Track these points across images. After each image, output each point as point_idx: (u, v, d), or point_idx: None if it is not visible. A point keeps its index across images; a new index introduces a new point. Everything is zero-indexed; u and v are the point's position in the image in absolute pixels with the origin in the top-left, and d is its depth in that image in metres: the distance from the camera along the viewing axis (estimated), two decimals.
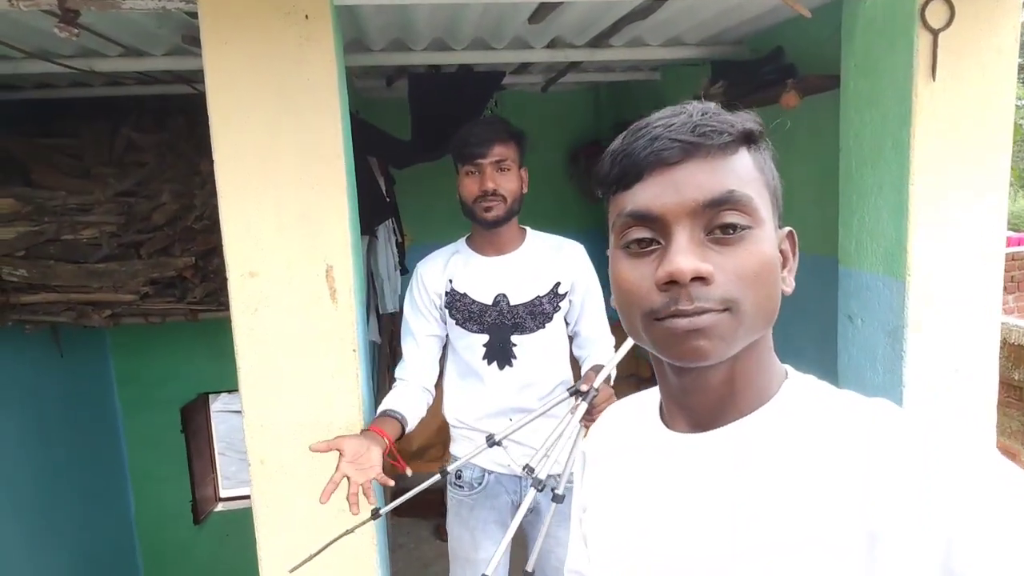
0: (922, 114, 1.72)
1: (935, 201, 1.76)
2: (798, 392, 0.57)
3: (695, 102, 0.56)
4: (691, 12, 2.29)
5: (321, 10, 1.58)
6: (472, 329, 1.72)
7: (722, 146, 0.53)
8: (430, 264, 1.78)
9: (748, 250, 0.53)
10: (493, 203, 1.64)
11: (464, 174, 1.67)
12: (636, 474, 0.63)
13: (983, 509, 0.44)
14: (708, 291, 0.52)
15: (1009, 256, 6.36)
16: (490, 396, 1.73)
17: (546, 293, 1.72)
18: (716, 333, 0.52)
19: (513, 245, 1.74)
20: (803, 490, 0.51)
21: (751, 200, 0.53)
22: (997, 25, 1.73)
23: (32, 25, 1.99)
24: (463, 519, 1.79)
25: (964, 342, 1.82)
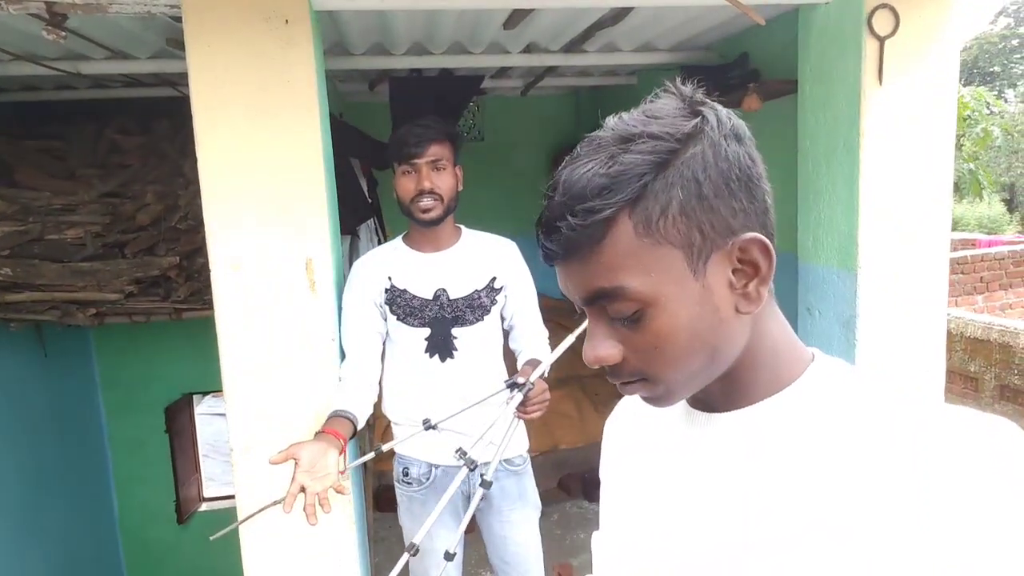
0: (870, 116, 1.83)
1: (883, 198, 1.87)
2: (820, 378, 0.56)
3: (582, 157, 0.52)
4: (658, 19, 2.39)
5: (301, 15, 1.66)
6: (413, 324, 1.74)
7: (586, 243, 0.51)
8: (368, 262, 1.79)
9: (646, 329, 0.52)
10: (431, 204, 1.68)
11: (401, 173, 1.71)
12: (656, 451, 0.64)
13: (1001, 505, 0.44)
14: (619, 368, 0.55)
15: (979, 257, 6.55)
16: (433, 389, 1.76)
17: (483, 287, 1.76)
18: (649, 396, 0.56)
19: (450, 241, 1.78)
20: (821, 472, 0.51)
21: (622, 290, 0.51)
22: (940, 32, 1.84)
23: (19, 28, 2.05)
24: (415, 515, 1.81)
25: (913, 331, 1.93)
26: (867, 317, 1.90)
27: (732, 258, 0.53)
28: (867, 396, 0.53)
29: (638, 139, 0.51)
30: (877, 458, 0.49)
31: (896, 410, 0.51)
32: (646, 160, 0.50)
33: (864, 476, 0.49)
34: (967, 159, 10.42)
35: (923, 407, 0.50)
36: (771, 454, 0.54)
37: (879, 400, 0.52)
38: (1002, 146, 13.20)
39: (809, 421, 0.54)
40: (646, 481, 0.64)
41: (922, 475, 0.46)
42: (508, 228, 4.83)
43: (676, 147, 0.50)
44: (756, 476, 0.54)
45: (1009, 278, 6.56)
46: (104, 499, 4.28)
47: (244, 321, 1.72)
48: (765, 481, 0.53)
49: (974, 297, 6.41)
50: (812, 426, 0.53)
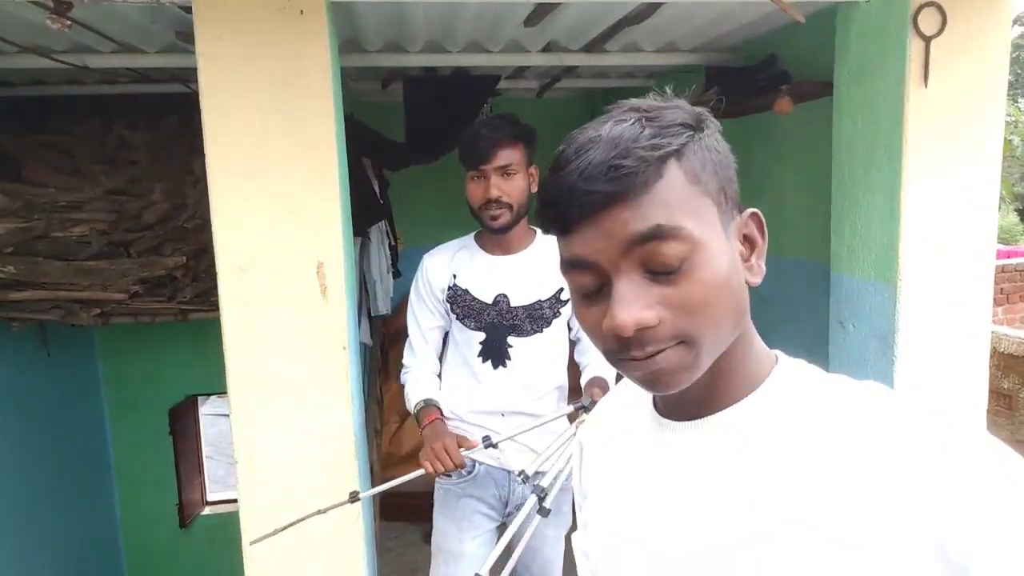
0: (914, 120, 1.73)
1: (927, 207, 1.77)
2: (788, 377, 0.57)
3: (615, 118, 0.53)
4: (686, 17, 2.30)
5: (316, 5, 1.58)
6: (470, 326, 1.72)
7: (642, 183, 0.50)
8: (436, 257, 1.79)
9: (691, 280, 0.51)
10: (499, 212, 1.64)
11: (470, 179, 1.67)
12: (632, 462, 0.64)
13: (980, 492, 0.44)
14: (656, 332, 0.51)
15: (999, 268, 6.42)
16: (483, 393, 1.74)
17: (548, 297, 1.71)
18: (675, 367, 0.52)
19: (520, 246, 1.73)
20: (796, 475, 0.51)
21: (682, 229, 0.51)
22: (989, 33, 1.74)
23: (25, 18, 1.98)
24: (450, 509, 1.79)
25: (955, 348, 1.83)
26: (907, 332, 1.80)
27: (740, 230, 0.56)
28: (834, 393, 0.54)
29: (665, 108, 0.54)
30: (853, 452, 0.50)
31: (867, 406, 0.52)
32: (685, 119, 0.53)
33: (843, 469, 0.50)
34: None
35: (891, 403, 0.52)
36: (754, 455, 0.54)
37: (849, 396, 0.53)
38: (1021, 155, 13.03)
39: (786, 419, 0.54)
40: (627, 490, 0.63)
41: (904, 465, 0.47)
42: None
43: (698, 123, 0.55)
44: (743, 477, 0.54)
45: None
46: (106, 501, 4.22)
47: (251, 325, 1.63)
48: (753, 481, 0.53)
49: (994, 309, 6.28)
50: (789, 424, 0.54)
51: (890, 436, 0.49)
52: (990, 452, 0.47)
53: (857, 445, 0.50)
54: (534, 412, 1.72)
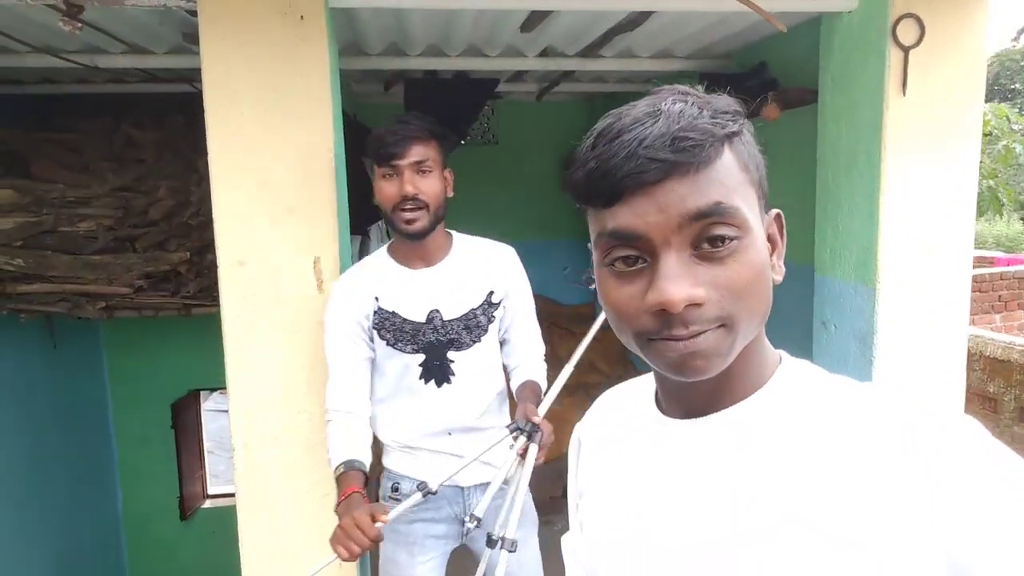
0: (893, 127, 1.79)
1: (905, 210, 1.83)
2: (792, 377, 0.57)
3: (670, 96, 0.52)
4: (677, 25, 2.36)
5: (316, 11, 1.65)
6: (405, 349, 1.58)
7: (707, 157, 0.50)
8: (351, 281, 1.60)
9: (739, 262, 0.51)
10: (415, 214, 1.49)
11: (380, 177, 1.51)
12: (632, 461, 0.63)
13: (980, 492, 0.44)
14: (701, 312, 0.50)
15: (997, 276, 6.44)
16: (427, 415, 1.61)
17: (480, 304, 1.61)
18: (713, 352, 0.51)
19: (441, 254, 1.60)
20: (799, 473, 0.51)
21: (739, 210, 0.50)
22: (965, 44, 1.80)
23: (37, 20, 2.06)
24: (400, 535, 1.64)
25: (932, 348, 1.88)
26: (885, 333, 1.85)
27: (766, 229, 0.56)
28: (837, 393, 0.55)
29: (715, 97, 0.54)
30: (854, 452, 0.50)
31: (870, 407, 0.52)
32: (736, 108, 0.54)
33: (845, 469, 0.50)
34: (986, 176, 10.30)
35: (895, 404, 0.52)
36: (756, 453, 0.54)
37: (852, 397, 0.54)
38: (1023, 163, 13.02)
39: (789, 419, 0.54)
40: (627, 488, 0.63)
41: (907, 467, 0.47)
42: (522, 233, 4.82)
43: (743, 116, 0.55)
44: (745, 475, 0.54)
45: None
46: (109, 492, 4.29)
47: (249, 317, 1.70)
48: (754, 480, 0.53)
49: (992, 316, 6.30)
50: (792, 424, 0.54)
51: (891, 437, 0.49)
52: (990, 451, 0.46)
53: (859, 445, 0.50)
54: (479, 425, 1.62)
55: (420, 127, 1.51)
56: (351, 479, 1.43)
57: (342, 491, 1.41)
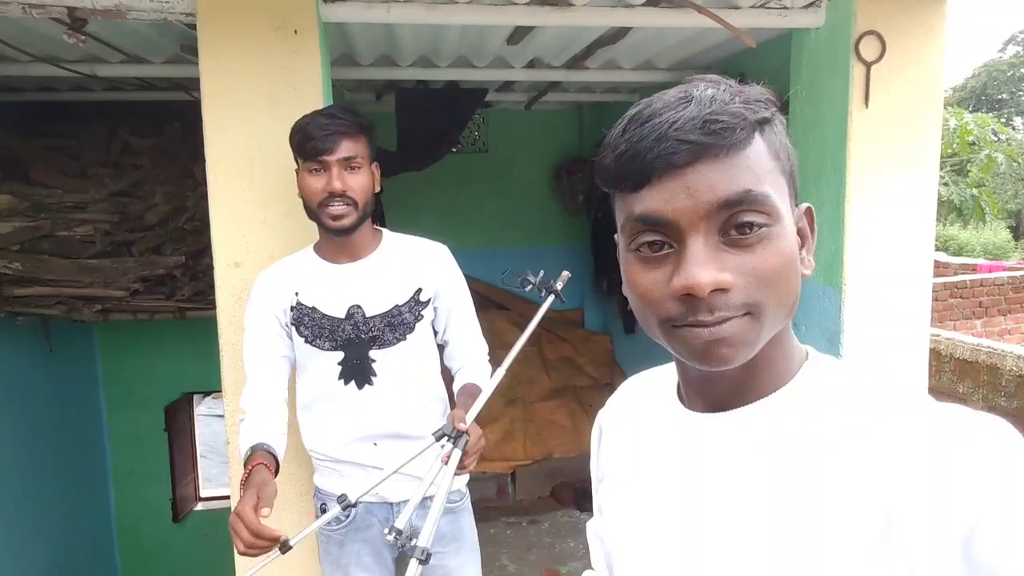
0: (856, 138, 1.89)
1: (869, 217, 1.93)
2: (817, 373, 0.56)
3: (702, 83, 0.52)
4: (656, 39, 2.46)
5: (309, 25, 1.74)
6: (323, 347, 1.51)
7: (737, 142, 0.49)
8: (272, 275, 1.55)
9: (768, 250, 0.50)
10: (342, 209, 1.43)
11: (306, 172, 1.45)
12: (651, 451, 0.63)
13: (1007, 495, 0.44)
14: (728, 299, 0.50)
15: (978, 282, 6.58)
16: (349, 420, 1.52)
17: (406, 301, 1.53)
18: (738, 340, 0.51)
19: (367, 250, 1.54)
20: (819, 469, 0.51)
21: (768, 198, 0.50)
22: (925, 59, 1.90)
23: (40, 31, 2.14)
24: (333, 557, 1.58)
25: (895, 348, 1.98)
26: (851, 333, 1.95)
27: (796, 222, 0.55)
28: (867, 391, 0.53)
29: (748, 87, 0.53)
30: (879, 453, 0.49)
31: (897, 404, 0.51)
32: (768, 97, 0.54)
33: (865, 465, 0.49)
34: (971, 185, 10.48)
35: (921, 402, 0.51)
36: (779, 450, 0.53)
37: (879, 395, 0.53)
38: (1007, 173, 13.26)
39: (813, 416, 0.54)
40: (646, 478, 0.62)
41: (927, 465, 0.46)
42: (512, 239, 4.88)
43: (777, 106, 0.54)
44: (767, 472, 0.53)
45: (1008, 304, 6.58)
46: (101, 494, 4.33)
47: (243, 315, 1.77)
48: (776, 476, 0.53)
49: (973, 322, 6.43)
50: (816, 421, 0.53)
51: (918, 437, 0.48)
52: (1017, 455, 0.46)
53: (885, 446, 0.49)
54: (408, 433, 1.51)
55: (349, 121, 1.44)
56: (256, 457, 1.34)
57: (246, 468, 1.33)
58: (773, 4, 1.97)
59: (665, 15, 1.97)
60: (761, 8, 1.99)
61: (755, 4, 1.98)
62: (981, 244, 15.49)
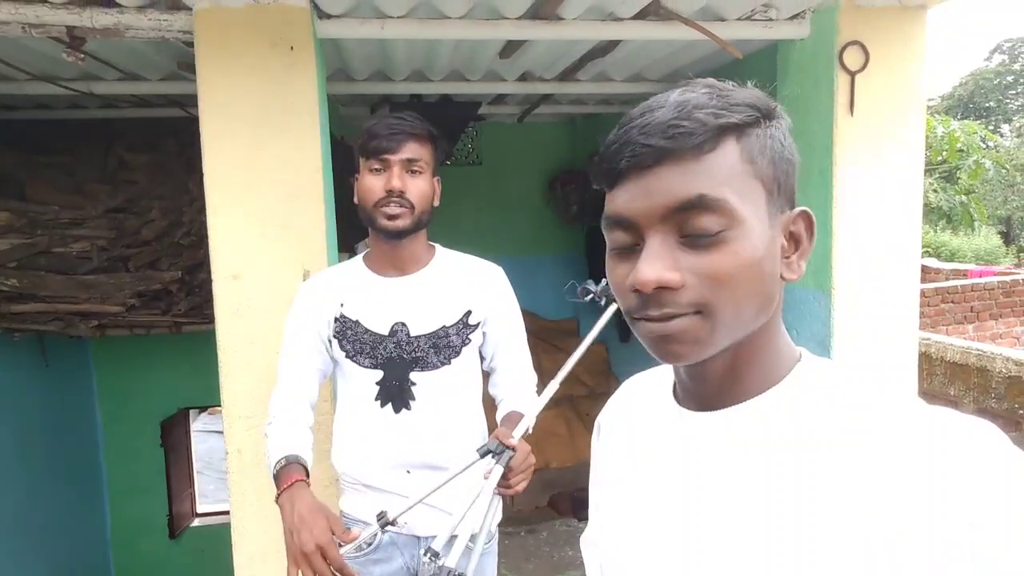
0: (842, 145, 1.93)
1: (856, 222, 1.96)
2: (809, 374, 0.57)
3: (697, 86, 0.54)
4: (645, 51, 2.51)
5: (305, 41, 1.77)
6: (363, 363, 1.43)
7: (697, 146, 0.51)
8: (318, 283, 1.48)
9: (723, 252, 0.51)
10: (399, 210, 1.37)
11: (367, 171, 1.39)
12: (648, 448, 0.64)
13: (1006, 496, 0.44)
14: (675, 296, 0.51)
15: (969, 287, 6.64)
16: (383, 446, 1.43)
17: (454, 323, 1.44)
18: (687, 337, 0.52)
19: (418, 264, 1.46)
20: (810, 469, 0.52)
21: (724, 203, 0.51)
22: (907, 67, 1.95)
23: (38, 49, 2.17)
24: None
25: (884, 351, 2.01)
26: (840, 337, 1.98)
27: (787, 226, 0.56)
28: (860, 392, 0.54)
29: (738, 90, 0.55)
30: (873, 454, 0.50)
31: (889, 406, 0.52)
32: (755, 103, 0.54)
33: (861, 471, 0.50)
34: (960, 192, 10.60)
35: (914, 404, 0.52)
36: (771, 449, 0.54)
37: (871, 396, 0.53)
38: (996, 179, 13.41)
39: (805, 416, 0.54)
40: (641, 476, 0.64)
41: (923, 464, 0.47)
42: (506, 250, 4.93)
43: (769, 111, 0.55)
44: (758, 470, 0.54)
45: (999, 308, 6.65)
46: (97, 510, 4.31)
47: (243, 327, 1.80)
48: (767, 475, 0.54)
49: (964, 326, 6.49)
50: (809, 421, 0.54)
51: (910, 439, 0.49)
52: (1013, 456, 0.46)
53: (877, 447, 0.50)
54: (446, 465, 1.39)
55: (417, 124, 1.40)
56: (293, 470, 1.26)
57: (284, 480, 1.24)
58: (759, 16, 2.02)
59: (653, 28, 2.01)
60: (747, 20, 2.04)
61: (742, 16, 2.03)
62: (972, 250, 15.63)
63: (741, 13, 2.01)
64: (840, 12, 1.91)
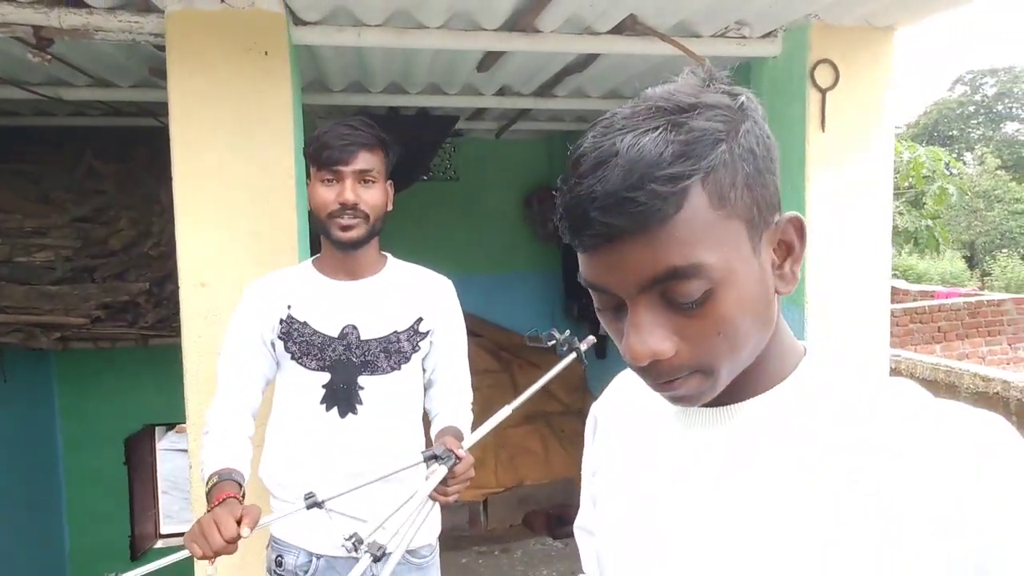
0: (814, 160, 1.96)
1: (827, 237, 1.99)
2: (814, 370, 0.56)
3: (644, 121, 0.47)
4: (622, 67, 2.54)
5: (279, 48, 1.75)
6: (310, 366, 1.39)
7: (658, 220, 0.46)
8: (264, 285, 1.46)
9: (711, 312, 0.49)
10: (353, 221, 1.36)
11: (319, 181, 1.37)
12: (647, 444, 0.63)
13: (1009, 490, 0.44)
14: (672, 363, 0.50)
15: (936, 308, 6.78)
16: (325, 452, 1.39)
17: (405, 329, 1.44)
18: (694, 392, 0.52)
19: (370, 270, 1.46)
20: (813, 464, 0.51)
21: (700, 267, 0.47)
22: (876, 85, 2.00)
23: (3, 51, 2.11)
24: None
25: (857, 363, 2.02)
26: (813, 349, 1.99)
27: (775, 236, 0.52)
28: (865, 386, 0.53)
29: (700, 107, 0.48)
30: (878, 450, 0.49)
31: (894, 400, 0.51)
32: (717, 127, 0.47)
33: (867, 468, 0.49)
34: (926, 216, 10.89)
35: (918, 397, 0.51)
36: (774, 446, 0.53)
37: (876, 390, 0.52)
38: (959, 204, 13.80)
39: (809, 412, 0.53)
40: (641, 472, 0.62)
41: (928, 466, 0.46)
42: (482, 267, 4.91)
43: (736, 118, 0.49)
44: (761, 467, 0.53)
45: (965, 328, 6.79)
46: (55, 530, 4.15)
47: (210, 337, 1.75)
48: (771, 471, 0.53)
49: (932, 346, 6.61)
50: (813, 417, 0.53)
51: (916, 433, 0.48)
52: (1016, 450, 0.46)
53: (882, 441, 0.49)
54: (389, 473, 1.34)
55: (369, 133, 1.38)
56: (225, 487, 1.22)
57: (215, 498, 1.19)
58: (732, 33, 2.05)
59: (630, 42, 2.03)
60: (722, 37, 2.07)
61: (715, 33, 2.06)
62: (939, 273, 16.02)
63: (715, 30, 2.05)
64: (811, 30, 1.95)
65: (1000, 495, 0.44)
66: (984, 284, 16.26)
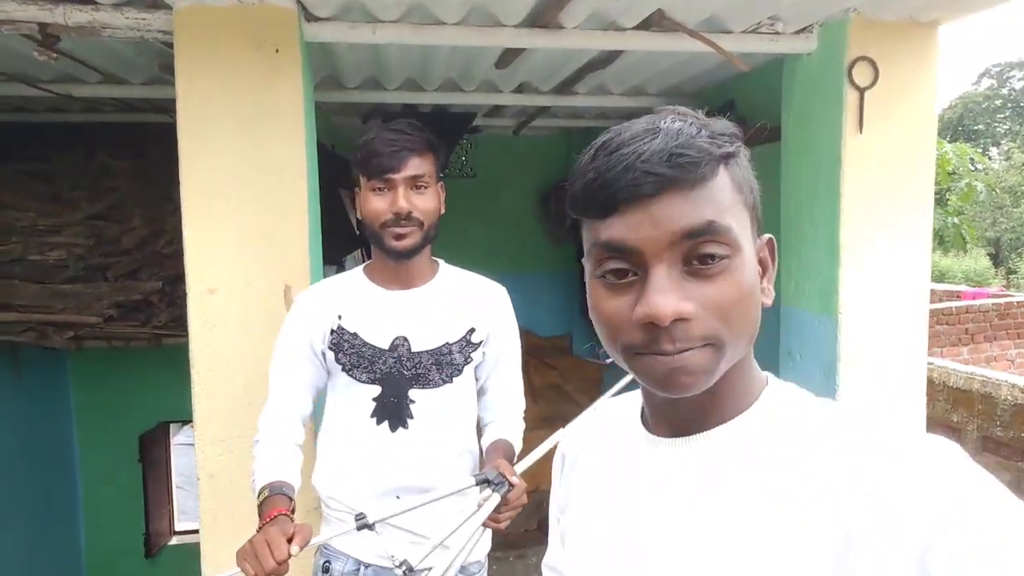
0: (851, 163, 1.86)
1: (863, 243, 1.89)
2: (778, 398, 0.58)
3: (669, 115, 0.53)
4: (647, 63, 2.44)
5: (291, 44, 1.68)
6: (361, 378, 1.37)
7: (701, 175, 0.51)
8: (315, 294, 1.43)
9: (728, 281, 0.51)
10: (407, 229, 1.32)
11: (370, 190, 1.34)
12: (615, 477, 0.63)
13: (960, 514, 0.44)
14: (689, 329, 0.51)
15: (963, 309, 6.60)
16: (374, 468, 1.37)
17: (457, 340, 1.40)
18: (699, 369, 0.52)
19: (423, 279, 1.41)
20: (780, 491, 0.52)
21: (730, 230, 0.51)
22: (918, 85, 1.89)
23: (12, 48, 2.07)
24: None
25: (893, 376, 1.92)
26: (848, 362, 1.89)
27: (758, 252, 0.57)
28: (823, 416, 0.55)
29: (713, 120, 0.55)
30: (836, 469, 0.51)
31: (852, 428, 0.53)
32: (732, 131, 0.55)
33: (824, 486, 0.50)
34: (952, 213, 10.64)
35: (875, 425, 0.53)
36: (740, 474, 0.55)
37: (835, 419, 0.54)
38: (986, 201, 13.51)
39: (774, 441, 0.55)
40: (610, 504, 0.63)
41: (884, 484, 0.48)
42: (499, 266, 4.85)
43: (741, 141, 0.56)
44: (729, 496, 0.54)
45: (993, 330, 6.61)
46: (71, 528, 4.15)
47: (218, 345, 1.69)
48: (738, 500, 0.54)
49: (959, 348, 6.43)
50: (777, 445, 0.55)
51: (876, 461, 0.49)
52: (971, 475, 0.47)
53: (838, 467, 0.51)
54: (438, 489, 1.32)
55: (418, 138, 1.34)
56: (277, 502, 1.20)
57: (266, 514, 1.18)
58: (765, 29, 1.95)
59: (656, 39, 1.94)
60: (753, 33, 1.97)
61: (747, 29, 1.96)
62: (962, 270, 15.71)
63: (747, 25, 1.94)
64: (849, 26, 1.85)
65: (961, 517, 0.44)
66: (1010, 283, 15.91)
